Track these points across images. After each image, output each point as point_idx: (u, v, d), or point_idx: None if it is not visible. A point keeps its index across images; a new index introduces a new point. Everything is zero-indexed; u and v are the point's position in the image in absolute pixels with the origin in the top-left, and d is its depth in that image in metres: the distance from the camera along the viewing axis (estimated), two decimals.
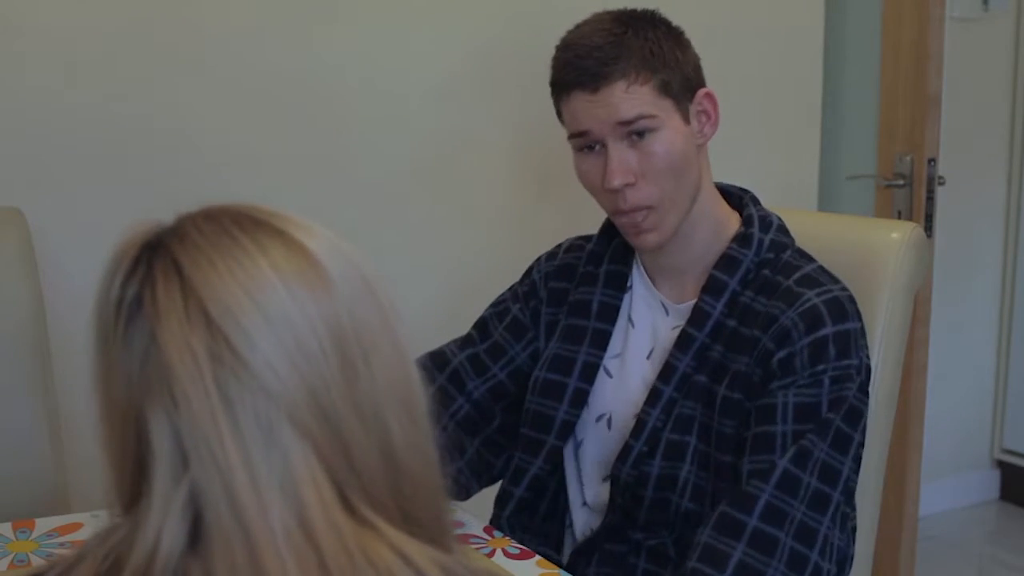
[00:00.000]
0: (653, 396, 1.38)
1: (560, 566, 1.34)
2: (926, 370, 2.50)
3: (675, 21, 1.44)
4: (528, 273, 1.57)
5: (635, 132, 1.34)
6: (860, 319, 1.34)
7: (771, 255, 1.38)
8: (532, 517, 1.50)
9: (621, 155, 1.34)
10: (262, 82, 2.00)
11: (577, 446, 1.48)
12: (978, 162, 3.22)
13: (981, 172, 3.25)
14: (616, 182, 1.34)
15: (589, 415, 1.46)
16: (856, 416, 1.30)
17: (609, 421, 1.45)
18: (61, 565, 0.70)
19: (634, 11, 1.40)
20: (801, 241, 1.46)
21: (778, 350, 1.30)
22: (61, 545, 1.32)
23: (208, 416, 0.64)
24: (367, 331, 0.69)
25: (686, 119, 1.38)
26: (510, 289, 1.58)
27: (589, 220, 1.55)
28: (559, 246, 1.57)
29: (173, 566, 0.64)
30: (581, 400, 1.45)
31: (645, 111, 1.33)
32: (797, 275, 1.35)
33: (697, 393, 1.36)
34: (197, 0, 1.94)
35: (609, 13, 1.39)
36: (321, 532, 0.65)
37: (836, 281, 1.36)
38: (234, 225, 0.69)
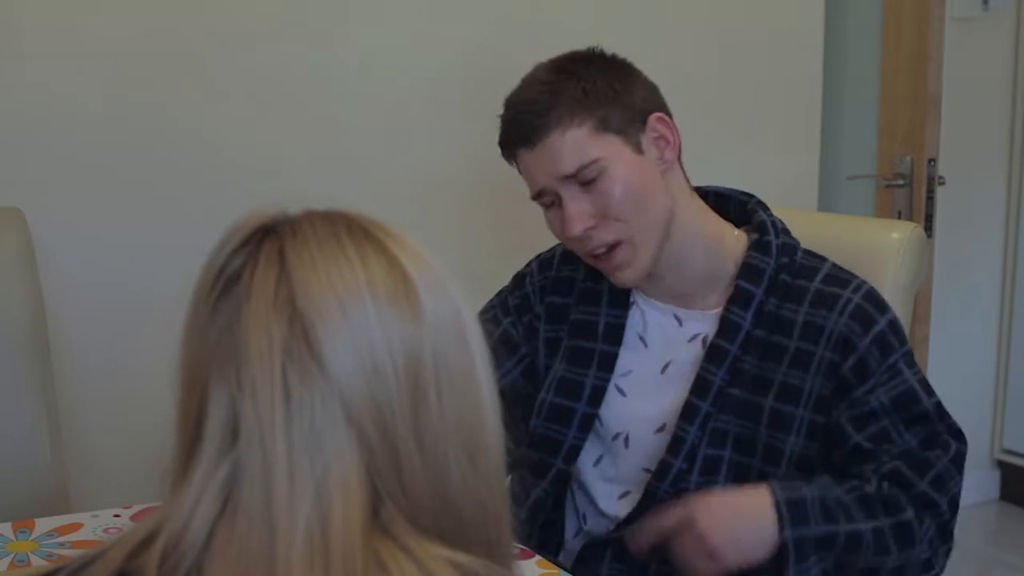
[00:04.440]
0: (689, 411, 1.37)
1: (560, 567, 1.34)
2: (926, 370, 2.50)
3: (674, 23, 1.44)
4: (520, 284, 1.55)
5: (582, 181, 1.33)
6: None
7: (785, 259, 1.38)
8: (531, 525, 1.50)
9: (576, 203, 1.34)
10: (263, 83, 2.00)
11: (596, 462, 1.46)
12: (978, 162, 3.22)
13: (981, 172, 3.24)
14: (576, 230, 1.34)
15: (605, 433, 1.45)
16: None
17: (626, 440, 1.43)
18: (104, 544, 0.72)
19: (575, 54, 1.39)
20: (801, 241, 1.46)
21: (844, 359, 1.32)
22: (61, 545, 1.32)
23: (267, 404, 0.66)
24: (446, 369, 0.70)
25: (638, 150, 1.35)
26: (499, 296, 1.56)
27: None
28: (553, 253, 1.55)
29: (203, 536, 0.66)
30: (589, 424, 1.44)
31: (585, 159, 1.32)
32: (820, 276, 1.37)
33: (733, 406, 1.36)
34: (198, 1, 1.94)
35: (551, 62, 1.39)
36: (336, 537, 0.66)
37: (855, 276, 1.39)
38: (345, 232, 0.71)
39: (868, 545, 1.29)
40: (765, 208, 1.43)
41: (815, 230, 1.57)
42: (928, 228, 2.45)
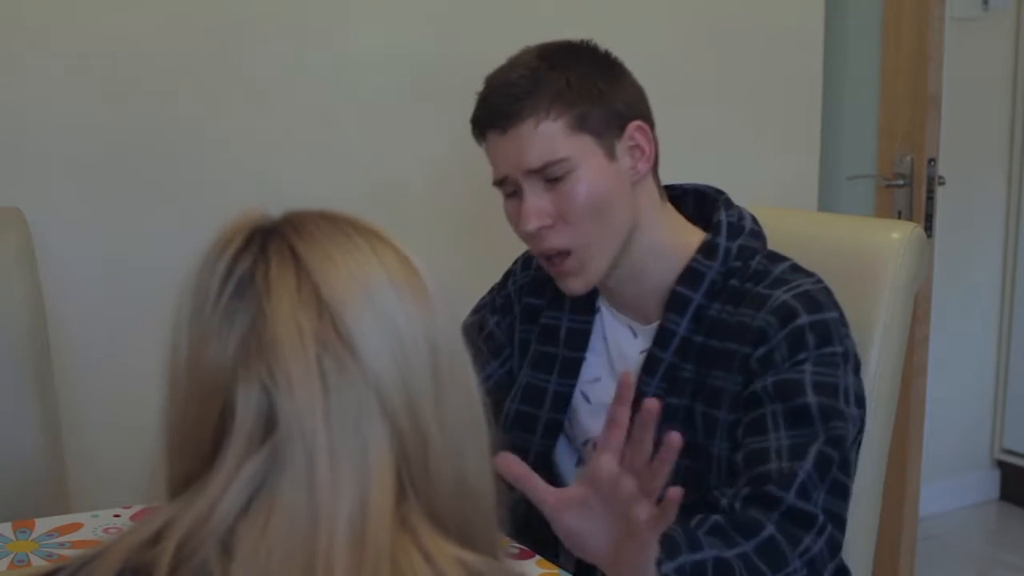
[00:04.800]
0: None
1: (560, 567, 1.34)
2: (926, 370, 2.50)
3: (674, 22, 1.43)
4: (505, 283, 1.53)
5: (547, 177, 1.28)
6: (838, 309, 1.30)
7: (739, 263, 1.32)
8: (527, 521, 1.48)
9: (535, 199, 1.28)
10: (263, 83, 2.00)
11: (576, 465, 1.44)
12: (978, 162, 3.22)
13: (981, 172, 3.24)
14: (531, 225, 1.28)
15: (576, 439, 1.43)
16: (848, 395, 1.26)
17: (595, 445, 1.38)
18: (103, 544, 0.72)
19: (564, 43, 1.34)
20: (801, 241, 1.45)
21: (755, 351, 1.26)
22: (61, 545, 1.32)
23: (306, 395, 0.66)
24: (455, 356, 0.72)
25: (611, 155, 1.30)
26: (490, 293, 1.55)
27: None
28: None
29: (224, 529, 0.66)
30: (555, 431, 1.41)
31: (554, 156, 1.26)
32: (768, 280, 1.30)
33: (672, 416, 1.31)
34: (197, 1, 1.94)
35: (538, 47, 1.34)
36: (372, 530, 0.66)
37: (809, 275, 1.32)
38: (350, 227, 0.72)
39: (741, 573, 1.19)
40: (729, 207, 1.37)
41: (815, 230, 1.57)
42: (928, 228, 2.44)
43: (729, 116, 2.40)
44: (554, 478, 1.45)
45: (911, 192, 2.45)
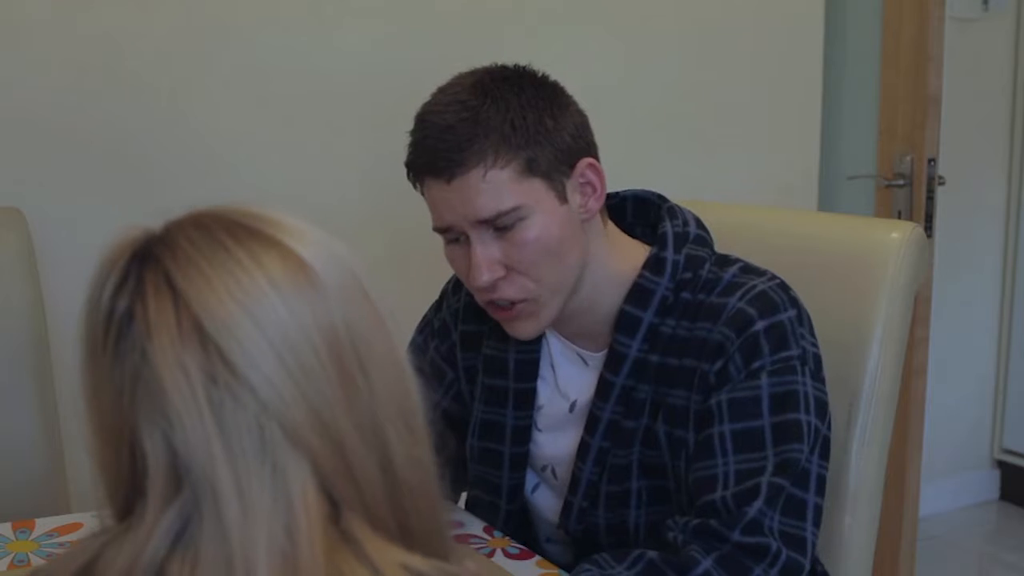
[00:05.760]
0: (583, 450, 1.30)
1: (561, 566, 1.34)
2: (926, 370, 2.50)
3: (675, 22, 1.42)
4: (439, 305, 1.47)
5: (497, 227, 1.20)
6: (796, 306, 1.24)
7: (688, 274, 1.26)
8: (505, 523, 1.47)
9: (486, 250, 1.20)
10: (264, 83, 2.00)
11: (533, 490, 1.42)
12: (978, 162, 3.22)
13: (981, 172, 3.25)
14: (483, 280, 1.20)
15: (535, 465, 1.40)
16: (808, 402, 1.21)
17: (553, 471, 1.38)
18: (51, 565, 0.70)
19: (501, 70, 1.23)
20: (801, 241, 1.44)
21: (713, 365, 1.21)
22: (61, 545, 1.32)
23: (202, 439, 0.63)
24: (363, 339, 0.68)
25: (562, 197, 1.21)
26: (430, 311, 1.49)
27: None
28: None
29: (156, 568, 0.64)
30: (521, 463, 1.38)
31: (505, 205, 1.18)
32: (720, 287, 1.25)
33: (631, 439, 1.28)
34: (198, 3, 1.94)
35: (472, 76, 1.23)
36: (304, 560, 0.63)
37: (762, 273, 1.26)
38: (228, 236, 0.67)
39: None
40: (673, 214, 1.30)
41: (815, 230, 1.57)
42: (928, 228, 2.45)
43: (729, 116, 2.40)
44: (527, 510, 1.44)
45: (911, 192, 2.46)
